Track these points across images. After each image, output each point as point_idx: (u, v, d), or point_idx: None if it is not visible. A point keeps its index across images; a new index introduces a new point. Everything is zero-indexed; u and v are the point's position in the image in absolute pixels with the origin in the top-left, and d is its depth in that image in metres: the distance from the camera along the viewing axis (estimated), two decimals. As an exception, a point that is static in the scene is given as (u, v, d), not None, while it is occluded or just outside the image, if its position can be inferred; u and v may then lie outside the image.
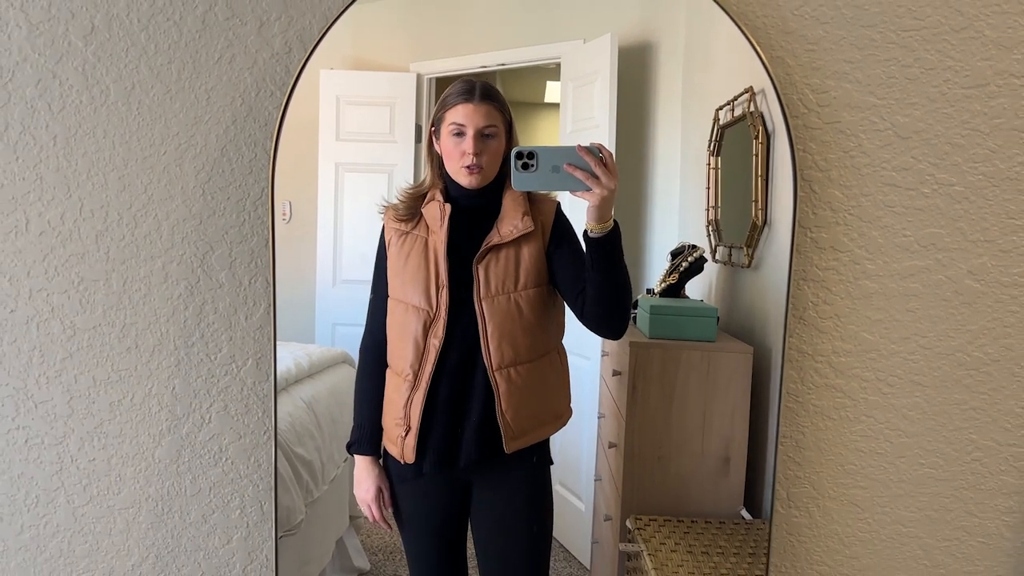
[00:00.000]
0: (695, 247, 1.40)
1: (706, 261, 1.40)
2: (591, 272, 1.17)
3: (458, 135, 1.21)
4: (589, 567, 1.54)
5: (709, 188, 1.38)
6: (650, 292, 1.44)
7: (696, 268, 1.40)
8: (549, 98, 1.44)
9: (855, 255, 1.29)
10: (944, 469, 1.33)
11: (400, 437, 1.27)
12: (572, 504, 1.56)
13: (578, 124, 1.42)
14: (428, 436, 1.25)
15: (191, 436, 1.40)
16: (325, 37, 1.25)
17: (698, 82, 1.38)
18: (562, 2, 1.45)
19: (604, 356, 1.47)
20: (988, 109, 1.25)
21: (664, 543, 1.34)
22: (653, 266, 1.43)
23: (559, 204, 1.27)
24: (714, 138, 1.35)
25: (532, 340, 1.24)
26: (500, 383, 1.22)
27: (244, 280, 1.36)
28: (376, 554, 1.64)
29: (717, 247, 1.40)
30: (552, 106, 1.43)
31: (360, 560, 1.63)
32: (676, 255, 1.41)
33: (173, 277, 1.36)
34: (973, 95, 1.25)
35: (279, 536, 1.38)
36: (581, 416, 1.36)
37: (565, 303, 1.27)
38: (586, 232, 1.14)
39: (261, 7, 1.30)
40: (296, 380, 1.50)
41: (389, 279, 1.29)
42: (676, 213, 1.44)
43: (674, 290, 1.41)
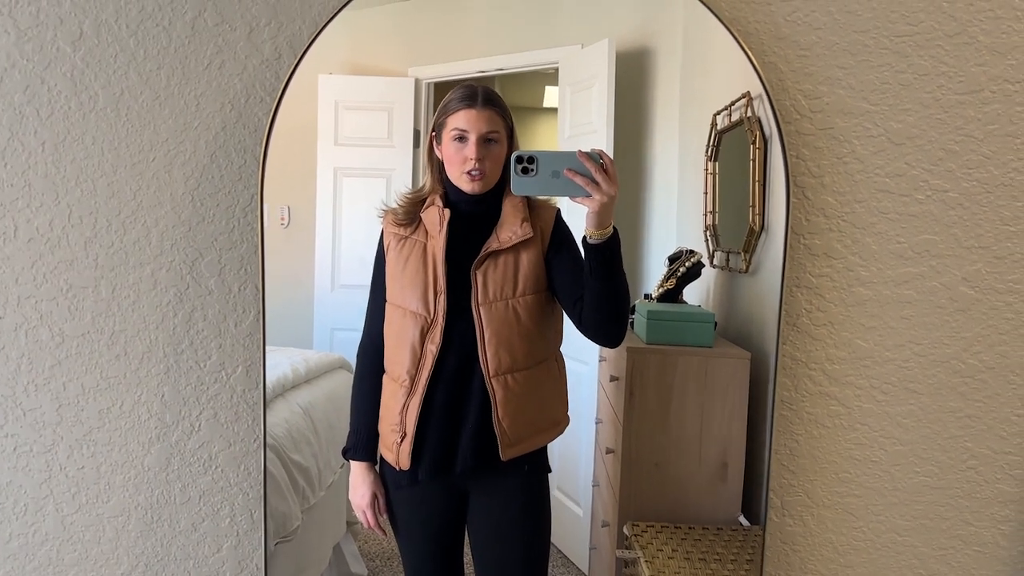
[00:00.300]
0: (692, 252, 1.39)
1: (703, 266, 1.39)
2: (589, 279, 1.16)
3: (460, 140, 1.20)
4: (587, 573, 1.53)
5: (707, 193, 1.37)
6: (648, 297, 1.43)
7: (693, 273, 1.39)
8: (548, 103, 1.44)
9: (849, 262, 1.28)
10: (939, 477, 1.33)
11: (396, 443, 1.26)
12: (570, 510, 1.55)
13: (576, 129, 1.42)
14: (424, 442, 1.25)
15: (180, 444, 1.39)
16: (315, 43, 1.24)
17: (696, 87, 1.37)
18: (560, 7, 1.45)
19: (602, 361, 1.47)
20: (982, 115, 1.24)
21: (661, 549, 1.33)
22: (651, 271, 1.43)
23: (559, 210, 1.26)
24: (712, 143, 1.35)
25: (530, 347, 1.23)
26: (497, 390, 1.22)
27: (234, 287, 1.35)
28: (373, 560, 1.63)
29: (715, 252, 1.40)
30: (551, 111, 1.43)
31: (357, 566, 1.62)
32: (673, 260, 1.40)
33: (162, 284, 1.36)
34: (967, 101, 1.24)
35: (275, 543, 1.37)
36: (579, 421, 1.35)
37: (563, 310, 1.26)
38: (585, 238, 1.14)
39: (251, 13, 1.29)
40: (293, 386, 1.50)
41: (387, 284, 1.28)
42: (674, 218, 1.43)
43: (672, 295, 1.40)
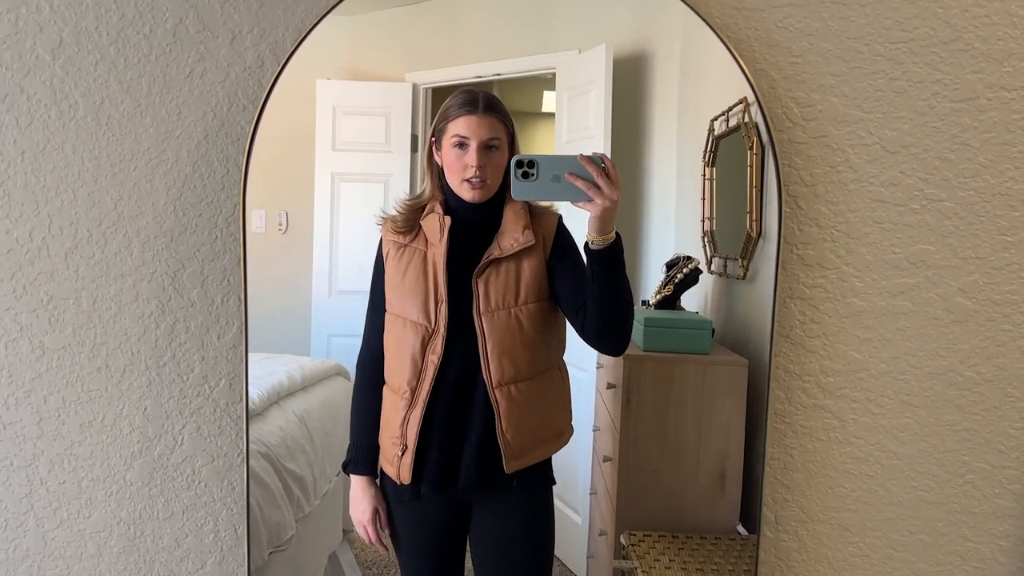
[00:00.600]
0: (690, 258, 1.38)
1: (701, 272, 1.38)
2: (591, 285, 1.14)
3: (460, 147, 1.19)
4: (585, 582, 1.51)
5: (704, 199, 1.37)
6: (645, 304, 1.43)
7: (691, 280, 1.38)
8: (546, 108, 1.44)
9: (843, 272, 1.27)
10: (936, 492, 1.31)
11: (396, 456, 1.24)
12: (569, 517, 1.55)
13: (573, 134, 1.42)
14: (425, 456, 1.23)
15: (163, 458, 1.38)
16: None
17: (693, 92, 1.37)
18: (557, 13, 1.45)
19: (600, 368, 1.46)
20: (978, 123, 1.23)
21: (659, 560, 1.32)
22: (649, 278, 1.42)
23: (560, 217, 1.25)
24: (709, 149, 1.34)
25: (533, 356, 1.22)
26: (500, 400, 1.20)
27: (216, 299, 1.34)
28: (370, 568, 1.62)
29: (712, 258, 1.39)
30: (549, 115, 1.43)
31: (353, 575, 1.60)
32: (671, 267, 1.39)
33: (144, 296, 1.34)
34: (963, 108, 1.23)
35: (268, 552, 1.35)
36: (578, 428, 1.34)
37: (566, 318, 1.24)
38: (587, 244, 1.12)
39: (233, 20, 1.28)
40: (289, 393, 1.49)
41: (386, 293, 1.26)
42: (672, 224, 1.43)
43: (669, 302, 1.39)
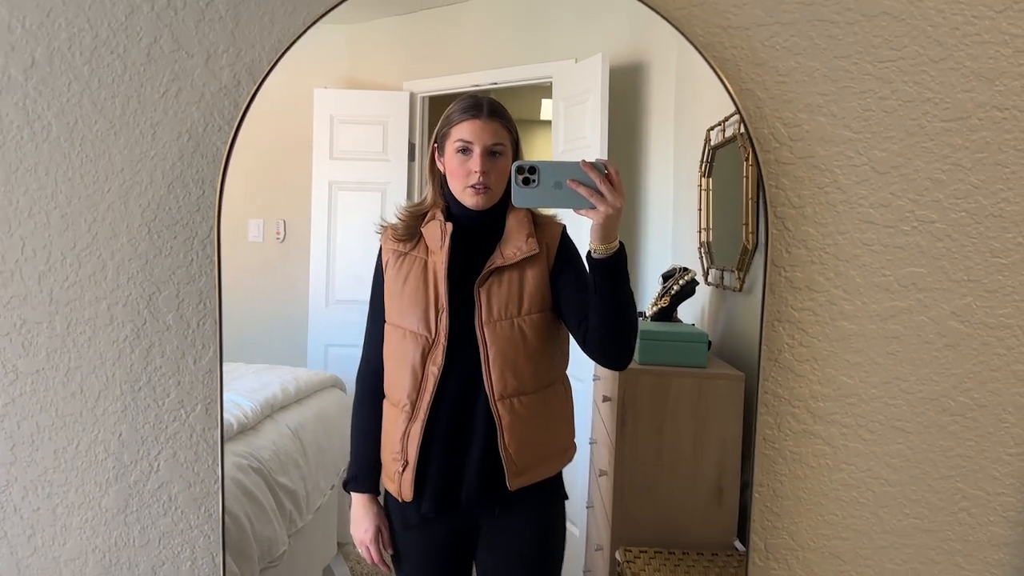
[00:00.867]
0: (686, 270, 1.37)
1: (697, 284, 1.36)
2: (594, 296, 1.12)
3: (464, 153, 1.17)
4: (583, 598, 1.49)
5: (700, 210, 1.35)
6: (641, 316, 1.40)
7: (687, 291, 1.37)
8: (545, 116, 1.43)
9: (832, 295, 1.25)
10: (930, 520, 1.28)
11: (397, 472, 1.21)
12: (567, 530, 1.50)
13: (570, 144, 1.41)
14: (427, 472, 1.20)
15: (139, 484, 1.35)
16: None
17: (690, 102, 1.35)
18: (554, 22, 1.44)
19: (596, 380, 1.44)
20: (970, 143, 1.21)
21: (654, 576, 1.30)
22: (646, 289, 1.40)
23: (564, 227, 1.23)
24: (705, 159, 1.32)
25: (536, 368, 1.19)
26: (503, 414, 1.17)
27: (192, 322, 1.31)
28: (365, 581, 1.60)
29: (709, 270, 1.37)
30: (547, 124, 1.42)
31: (348, 588, 1.59)
32: (667, 278, 1.38)
33: (119, 319, 1.32)
34: (954, 128, 1.21)
35: (260, 568, 1.33)
36: (577, 439, 1.33)
37: (568, 331, 1.22)
38: (589, 253, 1.10)
39: (208, 39, 1.26)
40: (283, 406, 1.47)
41: (386, 303, 1.24)
42: (669, 235, 1.41)
43: (666, 314, 1.37)
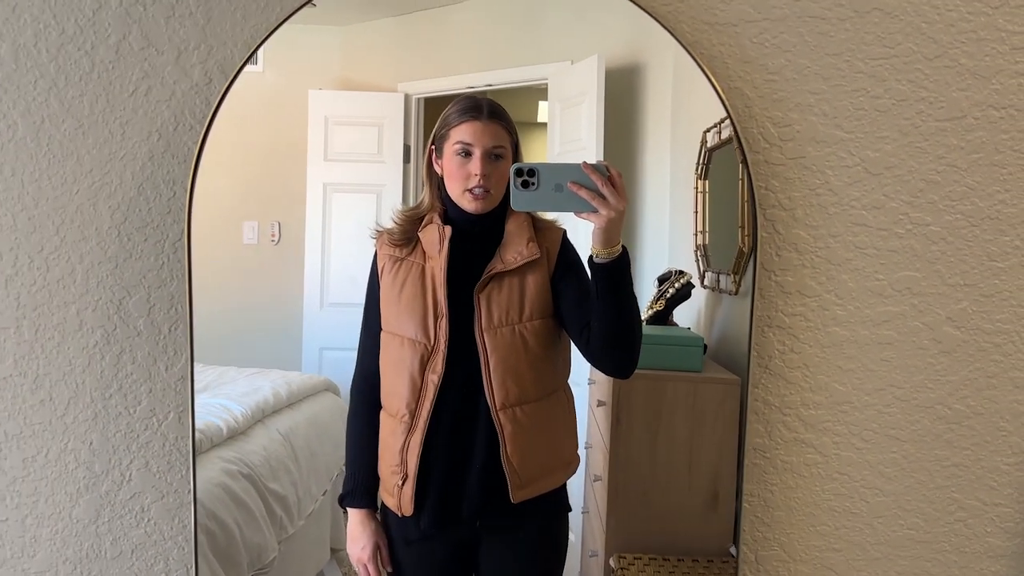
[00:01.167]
0: (682, 273, 1.35)
1: (693, 287, 1.35)
2: (596, 302, 1.09)
3: (464, 155, 1.14)
4: (578, 605, 1.47)
5: (696, 212, 1.34)
6: None
7: (683, 294, 1.35)
8: (542, 118, 1.42)
9: (824, 300, 1.22)
10: (925, 530, 1.26)
11: (397, 486, 1.18)
12: None
13: (566, 146, 1.40)
14: (427, 485, 1.17)
15: (111, 495, 1.32)
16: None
17: (686, 103, 1.34)
18: (550, 23, 1.43)
19: (591, 384, 1.42)
20: (965, 143, 1.18)
21: (649, 583, 1.28)
22: (642, 292, 1.37)
23: (565, 232, 1.20)
24: (702, 161, 1.31)
25: (538, 376, 1.17)
26: (505, 424, 1.14)
27: (164, 328, 1.28)
28: (360, 586, 1.56)
29: (705, 272, 1.36)
30: (543, 126, 1.41)
31: (343, 594, 1.56)
32: (663, 281, 1.36)
33: (88, 324, 1.29)
34: (949, 128, 1.18)
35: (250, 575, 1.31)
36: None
37: (570, 338, 1.19)
38: (591, 258, 1.07)
39: (179, 36, 1.23)
40: (274, 411, 1.45)
41: (382, 310, 1.21)
42: (666, 237, 1.40)
43: (661, 317, 1.36)
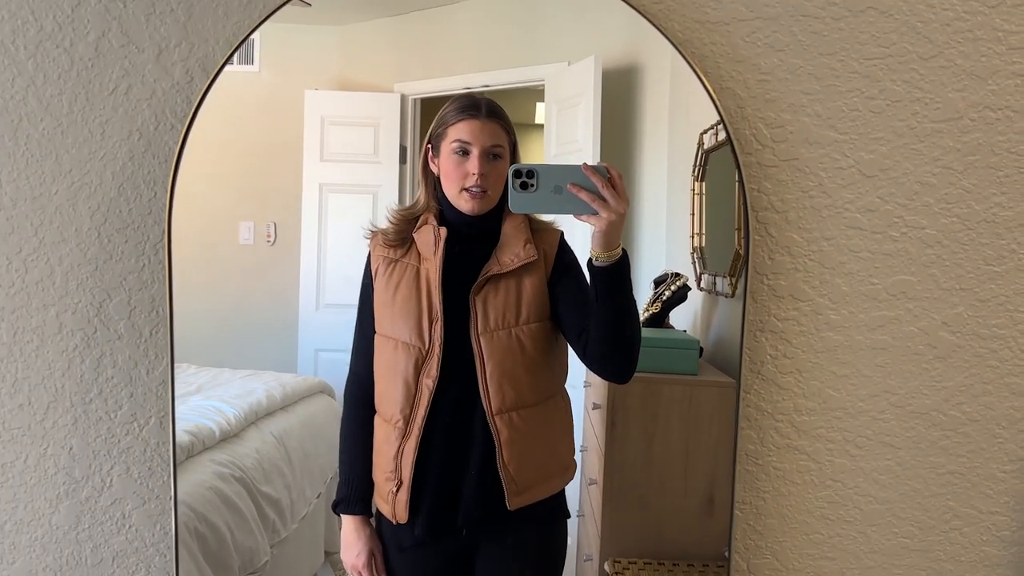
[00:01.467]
0: (678, 275, 1.34)
1: (689, 290, 1.34)
2: (596, 305, 1.08)
3: (462, 154, 1.12)
4: (572, 609, 1.46)
5: (693, 214, 1.33)
6: None
7: (679, 297, 1.34)
8: (539, 120, 1.41)
9: (817, 304, 1.20)
10: (920, 539, 1.24)
11: (391, 493, 1.16)
12: None
13: (562, 147, 1.39)
14: (422, 492, 1.15)
15: (91, 501, 1.30)
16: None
17: (684, 105, 1.33)
18: (546, 24, 1.43)
19: (587, 387, 1.40)
20: (961, 145, 1.17)
21: (644, 588, 1.27)
22: (638, 295, 1.37)
23: (562, 233, 1.19)
24: (698, 163, 1.30)
25: (535, 380, 1.16)
26: (501, 429, 1.13)
27: (145, 331, 1.26)
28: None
29: (702, 275, 1.35)
30: (541, 128, 1.40)
31: (336, 599, 1.55)
32: (659, 283, 1.35)
33: (68, 327, 1.27)
34: (944, 129, 1.17)
35: None
36: None
37: (567, 342, 1.18)
38: (591, 261, 1.05)
39: (160, 33, 1.21)
40: (267, 413, 1.44)
41: (376, 313, 1.19)
42: (663, 239, 1.39)
43: (658, 320, 1.35)
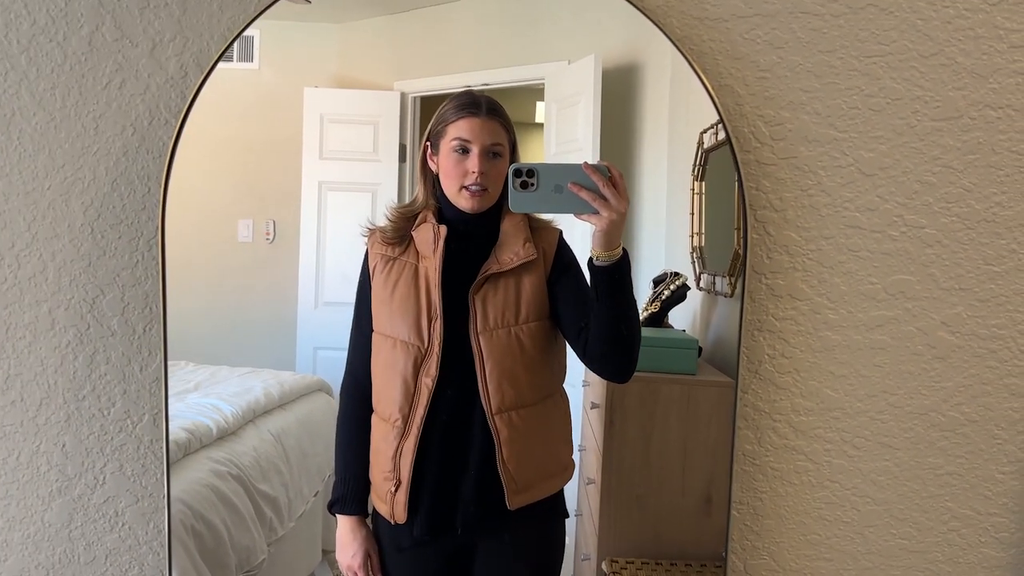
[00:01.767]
0: (677, 275, 1.34)
1: (688, 289, 1.33)
2: (596, 304, 1.08)
3: (461, 152, 1.12)
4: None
5: (693, 214, 1.32)
6: None
7: (678, 297, 1.34)
8: (539, 118, 1.40)
9: (815, 304, 1.19)
10: (918, 540, 1.24)
11: (389, 493, 1.16)
12: None
13: (562, 146, 1.39)
14: (421, 491, 1.15)
15: (84, 498, 1.30)
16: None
17: (684, 104, 1.32)
18: (547, 23, 1.42)
19: (585, 386, 1.40)
20: (961, 143, 1.16)
21: (641, 588, 1.27)
22: (637, 294, 1.37)
23: (561, 232, 1.18)
24: (698, 162, 1.29)
25: (535, 379, 1.15)
26: (501, 428, 1.12)
27: (138, 327, 1.25)
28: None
29: (701, 274, 1.34)
30: (541, 127, 1.40)
31: (334, 596, 1.55)
32: (658, 283, 1.34)
33: (61, 324, 1.26)
34: (945, 128, 1.16)
35: None
36: None
37: (566, 341, 1.18)
38: (591, 260, 1.05)
39: (154, 28, 1.20)
40: (265, 411, 1.44)
41: (374, 311, 1.18)
42: (663, 239, 1.39)
43: (656, 319, 1.34)
